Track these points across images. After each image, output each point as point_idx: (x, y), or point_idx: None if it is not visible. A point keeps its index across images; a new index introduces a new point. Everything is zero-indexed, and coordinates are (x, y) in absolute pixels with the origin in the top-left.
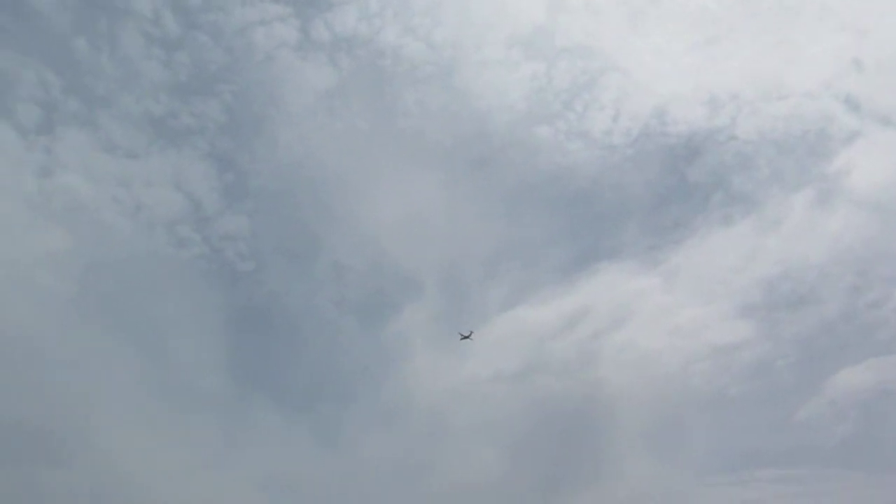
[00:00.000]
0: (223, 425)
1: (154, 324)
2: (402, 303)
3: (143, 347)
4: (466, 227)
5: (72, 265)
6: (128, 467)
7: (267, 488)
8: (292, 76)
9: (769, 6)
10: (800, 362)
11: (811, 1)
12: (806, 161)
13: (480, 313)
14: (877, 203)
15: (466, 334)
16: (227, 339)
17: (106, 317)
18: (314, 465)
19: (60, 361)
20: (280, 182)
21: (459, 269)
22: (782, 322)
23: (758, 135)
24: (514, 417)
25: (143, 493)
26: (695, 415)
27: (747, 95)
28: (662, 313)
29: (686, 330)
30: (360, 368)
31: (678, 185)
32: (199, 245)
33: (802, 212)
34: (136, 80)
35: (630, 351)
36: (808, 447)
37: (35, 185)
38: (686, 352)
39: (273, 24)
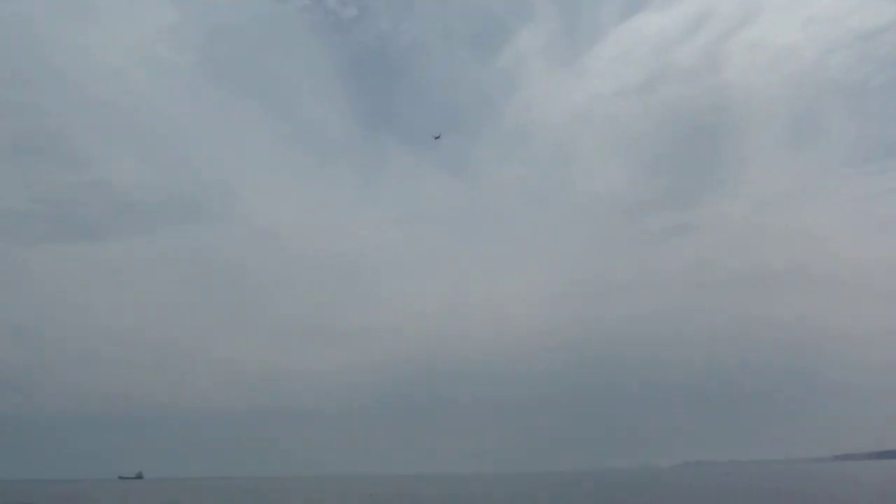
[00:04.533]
0: (357, 170)
1: (276, 82)
2: (514, 27)
3: (269, 107)
4: None
5: (187, 37)
6: (271, 218)
7: (404, 223)
8: None
9: None
10: None
11: None
12: None
13: (596, 27)
14: None
15: (437, 136)
16: (348, 87)
17: (229, 82)
18: (446, 197)
19: (196, 130)
20: None
21: None
22: None
23: None
24: (640, 132)
25: (287, 241)
26: (832, 109)
27: None
28: (796, 2)
29: (823, 18)
30: (480, 99)
31: None
32: None
33: None
34: None
35: (760, 49)
36: None
37: None
38: (823, 42)
39: None
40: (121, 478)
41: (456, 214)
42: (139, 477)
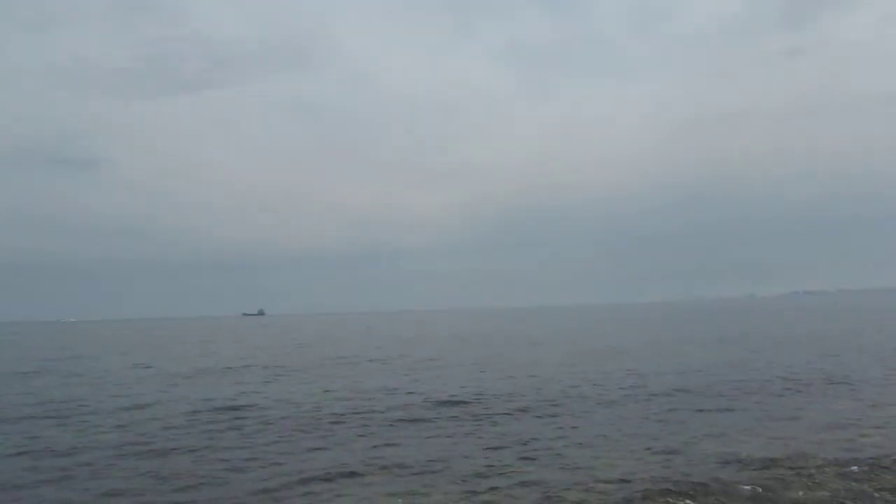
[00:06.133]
0: (454, 6)
1: None
2: None
3: None
4: None
5: None
6: (372, 61)
7: (503, 59)
8: None
9: None
10: None
11: None
12: None
13: None
14: None
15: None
16: None
17: None
18: (545, 30)
19: None
20: None
21: None
22: None
23: None
24: None
25: (388, 82)
26: None
27: None
28: None
29: None
30: None
31: None
32: None
33: None
34: None
35: None
36: None
37: None
38: None
39: None
40: (244, 315)
41: (556, 48)
42: (261, 314)
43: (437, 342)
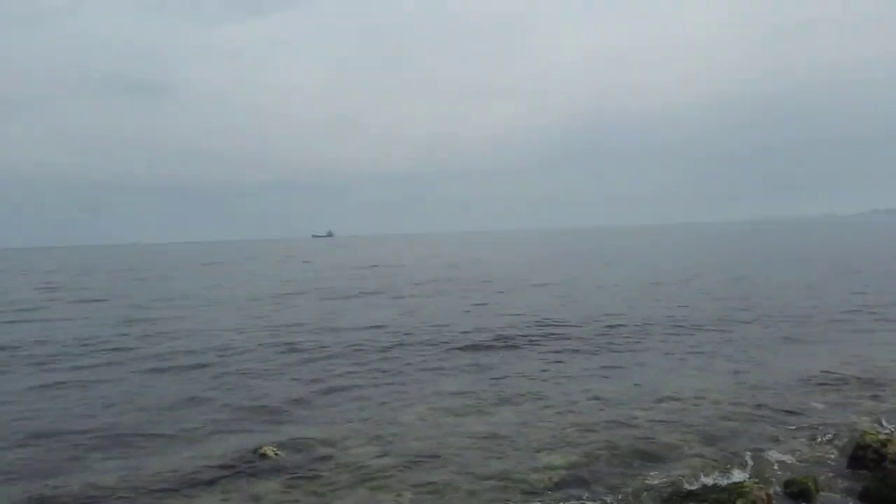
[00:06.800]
0: None
1: None
2: None
3: None
4: None
5: None
6: None
7: None
8: None
9: None
10: None
11: None
12: None
13: None
14: None
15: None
16: None
17: None
18: None
19: None
20: None
21: None
22: None
23: None
24: None
25: (451, 6)
26: None
27: None
28: None
29: None
30: None
31: None
32: None
33: None
34: None
35: None
36: None
37: None
38: None
39: None
40: (314, 236)
41: None
42: (330, 235)
43: (541, 264)
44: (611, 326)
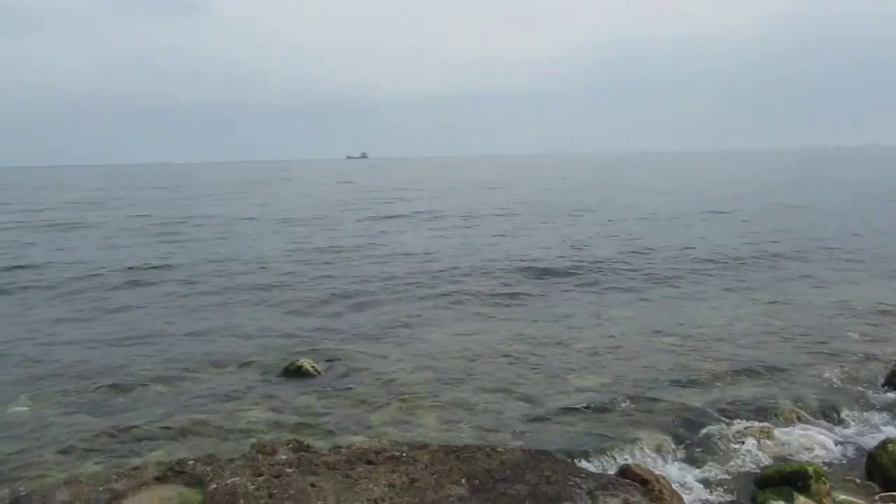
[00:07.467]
0: None
1: None
2: None
3: None
4: None
5: None
6: None
7: None
8: None
9: None
10: None
11: None
12: None
13: None
14: None
15: None
16: None
17: None
18: None
19: None
20: None
21: None
22: None
23: None
24: None
25: None
26: None
27: None
28: None
29: None
30: None
31: None
32: None
33: None
34: None
35: None
36: None
37: None
38: None
39: None
40: (348, 157)
41: None
42: (364, 157)
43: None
44: (650, 256)
